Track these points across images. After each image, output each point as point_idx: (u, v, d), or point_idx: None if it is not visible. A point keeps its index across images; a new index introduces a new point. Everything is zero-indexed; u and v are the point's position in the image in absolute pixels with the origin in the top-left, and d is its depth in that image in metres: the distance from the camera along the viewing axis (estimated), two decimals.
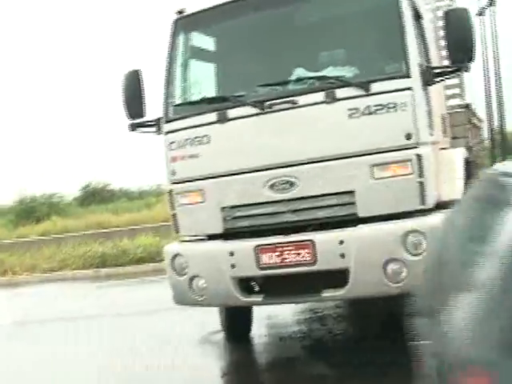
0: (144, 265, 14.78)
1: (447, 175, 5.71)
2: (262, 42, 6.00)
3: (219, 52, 6.32)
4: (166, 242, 15.83)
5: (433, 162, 5.39)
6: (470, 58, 5.33)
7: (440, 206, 5.41)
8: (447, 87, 7.28)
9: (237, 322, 6.95)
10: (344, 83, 5.35)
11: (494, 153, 15.52)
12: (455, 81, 7.51)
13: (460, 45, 5.29)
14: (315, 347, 6.48)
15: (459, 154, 6.15)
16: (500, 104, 29.99)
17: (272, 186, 5.55)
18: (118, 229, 21.50)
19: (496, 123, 30.48)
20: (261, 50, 6.02)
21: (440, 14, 7.67)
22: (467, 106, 7.59)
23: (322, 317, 7.71)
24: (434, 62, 6.10)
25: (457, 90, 7.69)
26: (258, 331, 7.18)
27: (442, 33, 7.27)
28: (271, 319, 7.77)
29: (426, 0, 6.81)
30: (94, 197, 40.31)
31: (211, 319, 7.60)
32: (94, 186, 41.62)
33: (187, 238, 6.28)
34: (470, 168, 6.88)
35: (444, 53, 7.39)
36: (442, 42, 7.39)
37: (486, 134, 13.25)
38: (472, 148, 7.28)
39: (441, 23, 7.46)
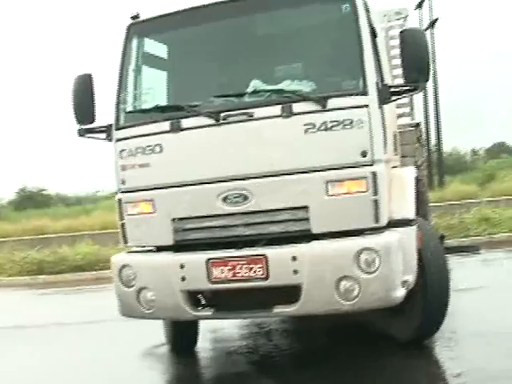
0: (83, 273, 14.44)
1: (399, 194, 5.73)
2: (217, 52, 5.93)
3: (174, 60, 6.19)
4: (105, 250, 15.71)
5: (386, 180, 5.42)
6: (425, 78, 5.39)
7: (391, 224, 5.43)
8: (398, 106, 7.36)
9: (183, 335, 6.80)
10: (301, 98, 5.31)
11: (431, 172, 15.88)
12: (405, 100, 7.59)
13: (415, 64, 5.34)
14: (263, 362, 6.39)
15: (410, 173, 6.19)
16: (438, 124, 30.75)
17: (225, 199, 5.46)
18: (56, 235, 21.06)
19: (433, 143, 31.23)
20: (216, 61, 5.95)
21: (392, 33, 7.82)
22: (417, 125, 7.69)
23: (268, 331, 7.64)
24: (387, 81, 6.14)
25: (407, 109, 7.79)
26: (204, 345, 7.04)
27: (393, 52, 7.44)
28: (216, 333, 7.65)
29: (379, 19, 6.87)
30: (29, 201, 39.43)
31: (154, 331, 7.46)
32: (29, 189, 40.69)
33: (135, 249, 6.12)
34: (419, 187, 6.94)
35: (395, 72, 7.55)
36: (394, 62, 7.54)
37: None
38: (420, 167, 7.37)
39: (392, 43, 7.65)
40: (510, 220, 16.01)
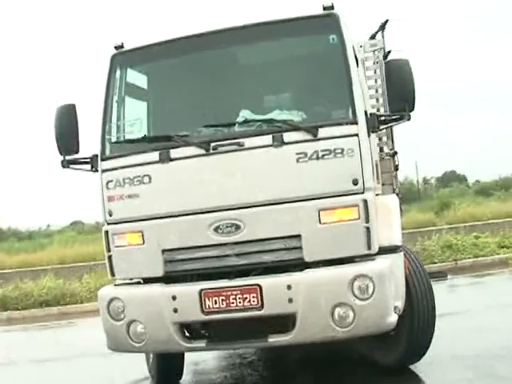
0: (49, 308, 14.09)
1: (386, 221, 5.80)
2: (206, 83, 5.96)
3: (160, 90, 6.18)
4: (68, 284, 15.40)
5: (375, 208, 5.49)
6: (411, 108, 5.51)
7: (379, 251, 5.49)
8: (377, 134, 7.49)
9: (168, 368, 6.68)
10: (292, 127, 5.37)
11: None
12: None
13: (401, 94, 5.47)
14: None
15: (395, 201, 6.29)
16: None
17: (216, 229, 5.44)
18: (14, 270, 20.55)
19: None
20: (204, 91, 5.95)
21: (367, 64, 7.99)
22: (395, 154, 7.82)
23: (252, 362, 7.58)
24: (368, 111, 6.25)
25: (384, 138, 7.92)
26: (187, 378, 6.95)
27: (369, 83, 7.60)
28: (198, 365, 7.55)
29: (356, 49, 7.01)
30: None
31: (133, 365, 7.34)
32: None
33: (121, 282, 6.02)
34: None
35: (374, 102, 7.71)
36: (371, 92, 7.70)
37: None
38: (398, 194, 7.48)
39: (368, 73, 7.81)
40: (472, 246, 16.36)
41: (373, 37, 8.52)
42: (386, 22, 8.65)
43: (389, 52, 8.17)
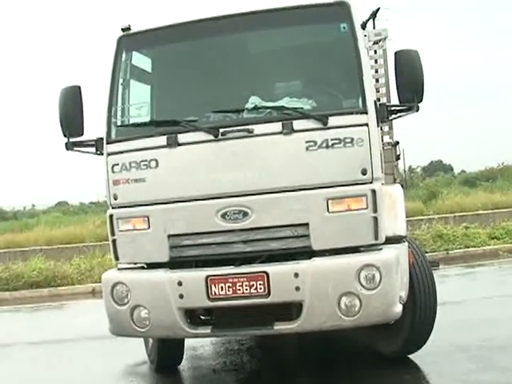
0: (40, 289, 14.03)
1: (391, 210, 5.82)
2: (215, 68, 5.90)
3: (168, 74, 6.10)
4: (59, 265, 15.33)
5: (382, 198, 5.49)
6: (420, 98, 5.50)
7: (385, 241, 5.50)
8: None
9: (168, 354, 6.67)
10: (303, 115, 5.34)
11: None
12: None
13: (410, 85, 5.46)
14: (251, 380, 6.36)
15: (399, 191, 6.30)
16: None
17: (224, 215, 5.41)
18: (3, 250, 20.45)
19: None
20: (214, 76, 5.91)
21: (371, 54, 7.96)
22: (396, 144, 7.82)
23: (250, 348, 7.61)
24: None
25: (386, 128, 7.91)
26: (186, 363, 6.95)
27: (371, 72, 7.57)
28: (197, 350, 7.55)
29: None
30: None
31: (129, 349, 7.35)
32: None
33: (124, 266, 5.98)
34: None
35: (375, 92, 7.68)
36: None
37: None
38: (402, 185, 7.49)
39: (372, 62, 7.79)
40: (463, 237, 16.48)
41: (364, 25, 8.47)
42: (378, 10, 8.63)
43: (378, 41, 8.15)
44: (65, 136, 5.82)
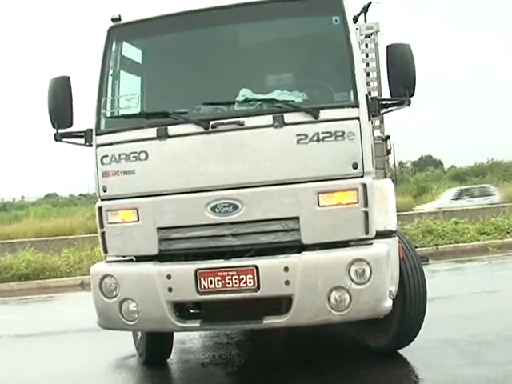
0: (28, 281, 13.96)
1: (381, 205, 5.80)
2: (206, 59, 5.83)
3: (158, 66, 6.07)
4: (48, 257, 15.27)
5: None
6: (411, 92, 5.48)
7: (375, 235, 5.48)
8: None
9: (157, 347, 6.64)
10: (294, 108, 5.31)
11: None
12: None
13: (402, 79, 5.43)
14: (240, 374, 6.34)
15: (390, 185, 6.28)
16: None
17: (214, 208, 5.38)
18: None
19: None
20: (204, 68, 5.84)
21: (362, 47, 7.93)
22: (387, 138, 7.80)
23: (239, 341, 7.59)
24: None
25: (377, 122, 7.89)
26: (175, 357, 6.92)
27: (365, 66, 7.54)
28: (185, 344, 7.52)
29: None
30: None
31: (118, 342, 7.31)
32: None
33: (113, 259, 5.94)
34: None
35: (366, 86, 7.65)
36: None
37: None
38: (393, 180, 7.48)
39: (364, 56, 7.76)
40: (453, 232, 16.52)
41: (355, 19, 8.44)
42: (369, 4, 8.62)
43: (370, 34, 8.12)
44: (54, 127, 5.77)
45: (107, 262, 5.88)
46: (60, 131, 5.78)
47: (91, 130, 5.74)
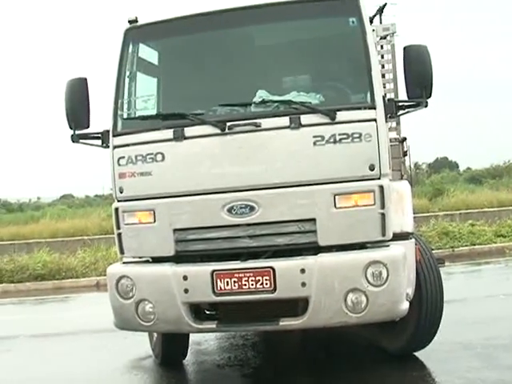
0: (44, 282, 14.05)
1: (398, 207, 5.78)
2: (222, 61, 5.86)
3: (175, 67, 6.06)
4: (64, 258, 15.35)
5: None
6: (429, 94, 5.45)
7: (392, 237, 5.46)
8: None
9: (173, 348, 6.64)
10: (310, 109, 5.30)
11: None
12: None
13: (419, 80, 5.40)
14: (256, 376, 6.34)
15: (407, 187, 6.25)
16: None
17: (230, 210, 5.38)
18: (8, 242, 20.49)
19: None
20: (220, 70, 5.86)
21: (378, 49, 7.91)
22: (404, 140, 7.77)
23: (255, 343, 7.58)
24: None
25: (393, 124, 7.86)
26: (191, 358, 6.93)
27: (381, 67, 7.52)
28: (201, 345, 7.52)
29: None
30: None
31: (133, 343, 7.33)
32: None
33: (130, 260, 5.95)
34: None
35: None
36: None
37: None
38: (409, 181, 7.44)
39: (380, 58, 7.74)
40: (469, 234, 16.41)
41: (371, 20, 8.41)
42: (385, 5, 8.56)
43: (386, 36, 8.09)
44: (71, 128, 5.80)
45: (123, 262, 5.91)
46: (77, 132, 5.81)
47: (108, 131, 5.77)
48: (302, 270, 5.18)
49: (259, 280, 5.26)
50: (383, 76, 7.76)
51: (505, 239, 16.58)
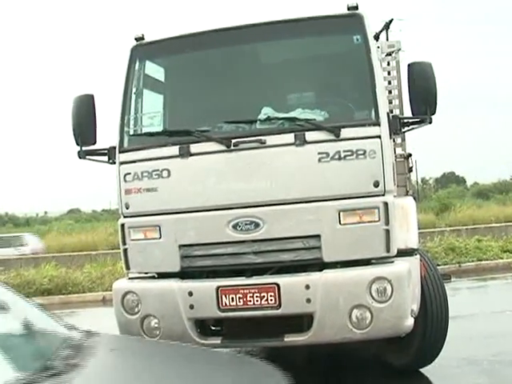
0: (51, 297, 14.07)
1: (403, 223, 5.79)
2: (228, 78, 5.92)
3: (181, 84, 6.13)
4: (71, 272, 15.39)
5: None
6: (433, 111, 5.48)
7: (396, 253, 5.47)
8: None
9: None
10: (315, 126, 5.34)
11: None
12: None
13: (423, 97, 5.44)
14: None
15: (412, 203, 6.27)
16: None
17: (235, 226, 5.41)
18: (15, 257, 20.59)
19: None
20: (226, 87, 5.93)
21: (384, 65, 7.95)
22: (409, 156, 7.79)
23: (260, 359, 7.54)
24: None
25: (399, 140, 7.89)
26: None
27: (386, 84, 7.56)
28: None
29: None
30: None
31: None
32: None
33: (135, 275, 5.98)
34: None
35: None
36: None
37: None
38: (414, 197, 7.46)
39: (385, 74, 7.78)
40: (476, 249, 16.36)
41: (377, 36, 8.46)
42: (391, 21, 8.60)
43: (392, 52, 8.13)
44: (77, 144, 5.84)
45: (129, 278, 5.94)
46: (84, 148, 5.85)
47: (114, 147, 5.81)
48: (307, 286, 5.20)
49: (264, 296, 5.28)
50: (389, 92, 7.80)
51: (511, 255, 16.51)
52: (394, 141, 7.83)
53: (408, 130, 5.86)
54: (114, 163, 5.84)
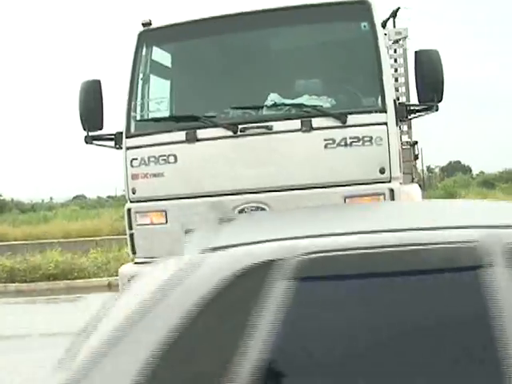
0: (56, 282, 14.15)
1: None
2: (235, 64, 5.92)
3: (188, 70, 6.16)
4: (76, 258, 15.43)
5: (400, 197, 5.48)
6: (440, 98, 5.48)
7: None
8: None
9: None
10: (322, 113, 5.35)
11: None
12: None
13: (430, 84, 5.43)
14: None
15: (417, 189, 6.30)
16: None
17: (241, 212, 5.43)
18: (20, 242, 20.67)
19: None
20: (233, 73, 5.92)
21: (391, 52, 7.95)
22: (415, 144, 7.81)
23: None
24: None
25: (405, 127, 7.89)
26: None
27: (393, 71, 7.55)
28: None
29: None
30: None
31: None
32: None
33: (141, 260, 6.01)
34: None
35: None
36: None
37: None
38: (420, 184, 7.49)
39: (392, 62, 7.77)
40: None
41: (384, 24, 8.44)
42: (398, 9, 8.59)
43: (399, 40, 8.12)
44: (84, 130, 5.86)
45: (135, 263, 5.96)
46: (90, 134, 5.87)
47: (121, 132, 5.83)
48: None
49: None
50: (396, 80, 7.79)
51: None
52: (400, 128, 7.87)
53: (414, 118, 5.87)
54: (121, 148, 5.85)
